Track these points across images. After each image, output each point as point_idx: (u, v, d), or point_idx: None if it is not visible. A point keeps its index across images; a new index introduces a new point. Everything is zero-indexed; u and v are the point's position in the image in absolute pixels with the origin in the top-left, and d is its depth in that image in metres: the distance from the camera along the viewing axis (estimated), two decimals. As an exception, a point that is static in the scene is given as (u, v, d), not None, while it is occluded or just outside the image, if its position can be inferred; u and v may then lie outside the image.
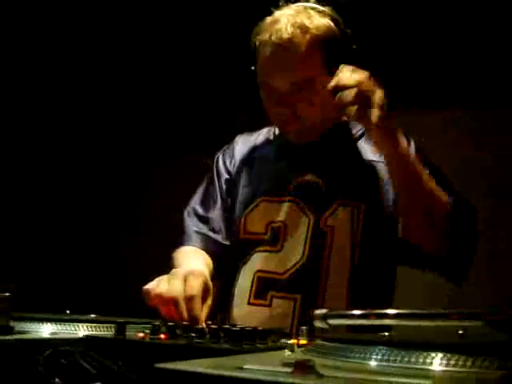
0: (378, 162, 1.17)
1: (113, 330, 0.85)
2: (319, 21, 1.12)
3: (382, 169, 1.16)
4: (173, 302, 0.90)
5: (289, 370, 0.44)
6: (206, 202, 1.28)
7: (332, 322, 0.58)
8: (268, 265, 1.16)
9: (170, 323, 0.83)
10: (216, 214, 1.26)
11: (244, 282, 1.18)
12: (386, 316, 0.60)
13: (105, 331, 0.90)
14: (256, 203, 1.21)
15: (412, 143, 1.22)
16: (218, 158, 1.34)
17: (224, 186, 1.29)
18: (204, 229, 1.25)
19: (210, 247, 1.23)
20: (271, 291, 1.14)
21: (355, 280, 1.13)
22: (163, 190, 2.83)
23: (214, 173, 1.31)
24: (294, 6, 1.16)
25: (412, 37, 2.11)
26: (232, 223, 1.25)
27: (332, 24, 1.14)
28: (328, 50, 1.12)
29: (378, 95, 0.97)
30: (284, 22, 1.11)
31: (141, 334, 0.81)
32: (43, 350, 0.74)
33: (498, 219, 2.00)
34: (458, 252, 1.11)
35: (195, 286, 0.92)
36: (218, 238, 1.25)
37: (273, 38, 1.11)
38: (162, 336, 0.79)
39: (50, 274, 2.69)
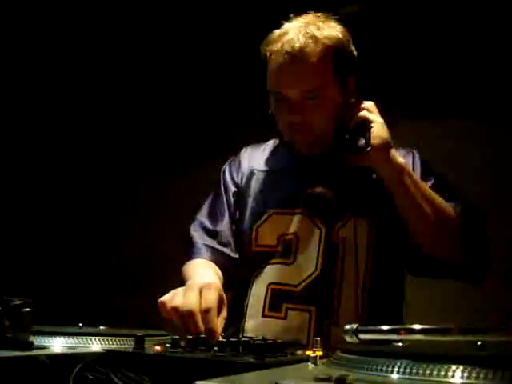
0: None
1: (130, 343, 0.87)
2: (329, 32, 1.15)
3: None
4: (189, 314, 0.90)
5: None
6: (214, 216, 1.28)
7: (363, 336, 0.59)
8: (281, 277, 1.16)
9: (189, 336, 0.83)
10: (224, 227, 1.26)
11: (257, 294, 1.18)
12: (415, 331, 0.61)
13: (122, 344, 0.90)
14: (267, 216, 1.21)
15: (416, 156, 1.24)
16: (224, 170, 1.34)
17: (232, 199, 1.28)
18: (212, 242, 1.25)
19: (220, 260, 1.23)
20: (285, 303, 1.14)
21: (368, 291, 1.14)
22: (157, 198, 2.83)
23: (220, 186, 1.31)
24: (302, 19, 1.18)
25: (412, 48, 2.13)
26: (240, 236, 1.26)
27: (340, 36, 1.17)
28: (337, 60, 1.15)
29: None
30: (295, 32, 1.14)
31: (158, 347, 0.82)
32: (66, 365, 0.75)
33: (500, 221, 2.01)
34: (473, 257, 1.14)
35: (211, 299, 0.92)
36: (227, 251, 1.25)
37: (285, 47, 1.13)
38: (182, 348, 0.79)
39: (48, 277, 2.67)
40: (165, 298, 0.96)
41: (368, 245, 1.14)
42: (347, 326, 0.60)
